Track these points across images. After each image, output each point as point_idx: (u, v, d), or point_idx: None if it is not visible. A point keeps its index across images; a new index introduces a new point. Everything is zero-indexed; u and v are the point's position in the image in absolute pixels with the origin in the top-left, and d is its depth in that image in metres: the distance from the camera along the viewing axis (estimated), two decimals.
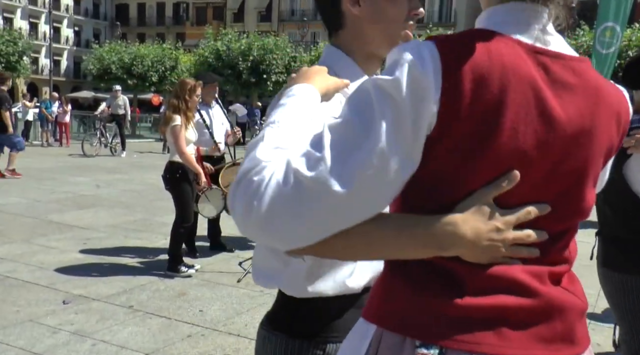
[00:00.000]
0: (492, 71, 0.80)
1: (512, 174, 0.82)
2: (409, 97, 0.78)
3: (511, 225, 0.85)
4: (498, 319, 0.84)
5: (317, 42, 42.16)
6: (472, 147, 0.81)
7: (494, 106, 0.80)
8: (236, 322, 3.73)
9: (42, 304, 3.95)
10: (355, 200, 0.79)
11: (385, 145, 0.78)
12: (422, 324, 0.84)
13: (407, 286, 0.87)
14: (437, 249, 0.84)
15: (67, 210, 7.36)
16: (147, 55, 26.60)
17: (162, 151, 17.46)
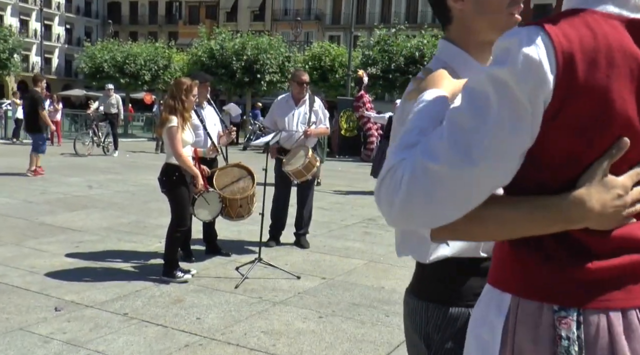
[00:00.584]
0: (599, 50, 0.88)
1: (622, 141, 0.91)
2: (524, 83, 0.86)
3: (629, 189, 0.93)
4: (625, 276, 0.93)
5: (311, 41, 42.06)
6: (586, 123, 0.89)
7: (604, 83, 0.88)
8: (235, 330, 3.61)
9: (33, 311, 3.81)
10: (476, 178, 0.89)
11: (502, 127, 0.87)
12: (558, 290, 0.94)
13: (538, 256, 0.96)
14: (568, 224, 0.93)
15: (58, 211, 7.20)
16: (139, 54, 26.40)
17: (155, 151, 17.30)
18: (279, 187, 5.90)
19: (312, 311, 4.01)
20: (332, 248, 5.96)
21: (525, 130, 0.88)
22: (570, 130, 0.90)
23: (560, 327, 0.93)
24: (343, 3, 46.63)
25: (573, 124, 0.89)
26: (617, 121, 0.90)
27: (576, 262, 0.94)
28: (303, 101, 5.87)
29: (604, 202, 0.91)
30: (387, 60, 22.68)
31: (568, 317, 0.93)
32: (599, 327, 0.92)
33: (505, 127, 0.87)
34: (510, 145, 0.88)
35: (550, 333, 0.93)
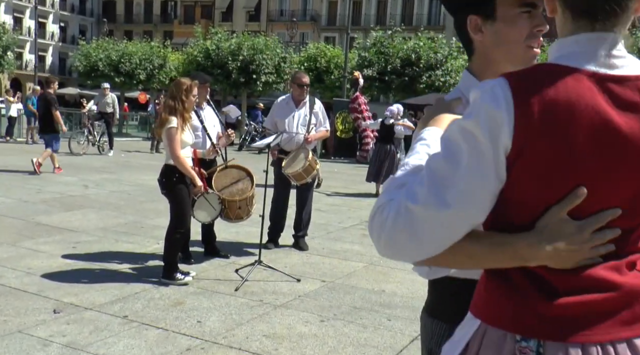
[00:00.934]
0: (558, 103, 0.94)
1: (579, 190, 0.96)
2: (487, 132, 0.96)
3: (588, 233, 0.98)
4: (587, 313, 0.98)
5: (306, 42, 42.06)
6: (543, 169, 0.96)
7: (562, 134, 0.94)
8: (237, 334, 3.58)
9: (31, 313, 3.77)
10: (450, 219, 0.98)
11: (472, 172, 0.97)
12: (522, 321, 1.01)
13: (506, 287, 1.04)
14: (523, 262, 1.01)
15: (54, 211, 7.14)
16: (135, 53, 26.30)
17: (150, 150, 17.22)
18: (278, 189, 5.87)
19: (313, 315, 3.99)
20: (331, 250, 5.93)
21: (491, 175, 0.97)
22: (530, 175, 0.97)
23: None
24: (338, 4, 46.66)
25: (532, 169, 0.96)
26: (576, 170, 0.95)
27: (539, 297, 1.00)
28: (303, 103, 5.85)
29: (556, 245, 0.98)
30: (383, 62, 22.71)
31: (528, 347, 1.00)
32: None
33: (475, 174, 0.97)
34: (479, 189, 0.97)
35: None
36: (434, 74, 22.31)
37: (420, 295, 4.55)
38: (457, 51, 23.48)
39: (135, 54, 26.27)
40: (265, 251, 5.50)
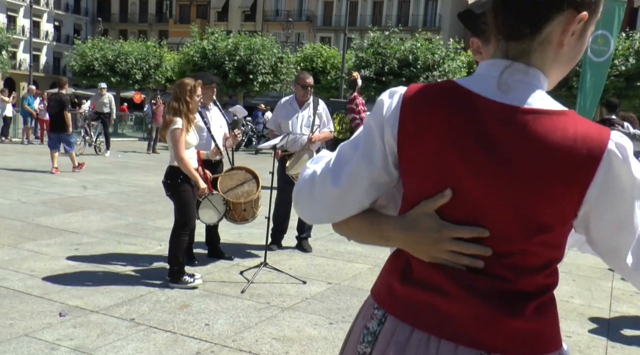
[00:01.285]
0: (432, 114, 1.06)
1: (445, 190, 1.06)
2: (378, 128, 1.11)
3: (445, 234, 1.07)
4: (422, 306, 1.09)
5: (302, 42, 42.03)
6: (415, 170, 1.10)
7: (430, 143, 1.06)
8: (245, 337, 3.55)
9: (37, 317, 3.72)
10: (342, 195, 1.13)
11: (362, 160, 1.12)
12: (381, 293, 1.18)
13: (389, 265, 1.20)
14: (385, 241, 1.16)
15: (54, 212, 7.08)
16: (131, 53, 26.18)
17: (147, 151, 17.15)
18: (282, 191, 5.83)
19: (321, 317, 3.96)
20: (334, 252, 5.91)
21: (377, 164, 1.11)
22: (407, 173, 1.11)
23: (369, 319, 1.17)
24: (334, 5, 46.66)
25: (408, 168, 1.11)
26: (445, 174, 1.06)
27: (398, 277, 1.14)
28: (307, 104, 5.82)
29: (411, 233, 1.10)
30: (380, 62, 22.70)
31: (376, 315, 1.16)
32: (388, 331, 1.13)
33: (364, 159, 1.11)
34: (365, 174, 1.12)
35: (365, 321, 1.18)
36: (432, 74, 22.33)
37: None
38: (454, 52, 23.53)
39: (131, 54, 26.15)
40: (269, 253, 5.46)
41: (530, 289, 1.07)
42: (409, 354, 1.09)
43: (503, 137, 1.02)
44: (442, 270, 1.09)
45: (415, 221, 1.10)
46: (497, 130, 1.03)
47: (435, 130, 1.06)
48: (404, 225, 1.11)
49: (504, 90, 1.05)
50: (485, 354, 1.06)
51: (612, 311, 4.54)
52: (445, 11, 42.96)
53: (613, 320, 4.33)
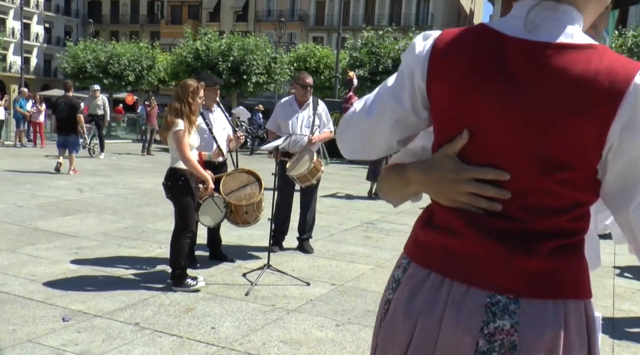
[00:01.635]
0: (459, 56, 1.08)
1: (462, 133, 1.07)
2: (408, 69, 1.14)
3: (464, 176, 1.07)
4: (437, 248, 1.13)
5: (294, 42, 41.98)
6: (440, 112, 1.12)
7: (457, 82, 1.07)
8: (252, 340, 3.52)
9: (40, 322, 3.68)
10: (372, 127, 1.20)
11: (391, 98, 1.16)
12: (408, 243, 1.23)
13: (420, 217, 1.24)
14: (407, 185, 1.20)
15: (52, 216, 7.02)
16: (123, 54, 26.04)
17: (142, 153, 17.05)
18: (282, 192, 5.80)
19: (327, 319, 3.94)
20: (336, 253, 5.89)
21: (405, 103, 1.14)
22: (434, 115, 1.13)
23: (397, 268, 1.22)
24: (326, 4, 46.67)
25: (436, 110, 1.12)
26: (466, 114, 1.06)
27: (420, 225, 1.19)
28: (307, 104, 5.79)
29: (430, 174, 1.12)
30: (374, 62, 22.69)
31: (402, 263, 1.20)
32: (411, 275, 1.15)
33: (392, 97, 1.16)
34: (391, 110, 1.16)
35: (394, 271, 1.23)
36: None
37: None
38: None
39: (123, 55, 26.00)
40: (271, 254, 5.44)
41: (549, 230, 1.04)
42: (421, 295, 1.11)
43: (524, 73, 1.02)
44: (459, 213, 1.10)
45: (435, 162, 1.11)
46: (519, 67, 1.02)
47: (461, 71, 1.06)
48: (425, 166, 1.14)
49: (531, 29, 1.04)
50: (496, 295, 1.04)
51: (616, 309, 4.54)
52: (437, 10, 43.05)
53: (617, 318, 4.33)
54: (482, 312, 1.04)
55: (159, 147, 19.40)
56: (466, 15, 49.17)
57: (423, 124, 1.17)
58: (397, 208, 6.42)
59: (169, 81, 29.01)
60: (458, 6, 46.43)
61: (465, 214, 1.08)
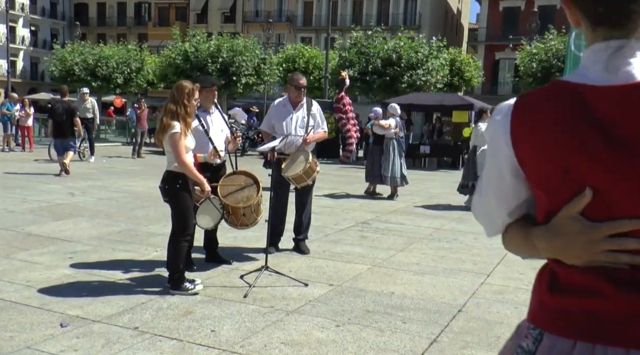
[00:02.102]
0: (542, 118, 1.06)
1: (586, 191, 1.02)
2: (491, 139, 1.17)
3: (598, 234, 1.01)
4: (577, 312, 1.05)
5: (283, 43, 41.91)
6: (537, 178, 1.10)
7: (545, 142, 1.04)
8: (253, 342, 3.51)
9: (37, 328, 3.64)
10: (484, 204, 1.24)
11: (488, 170, 1.21)
12: (533, 312, 1.15)
13: (534, 283, 1.19)
14: (537, 251, 1.14)
15: (44, 221, 6.95)
16: (111, 57, 25.86)
17: (132, 156, 16.96)
18: (278, 193, 5.78)
19: (327, 320, 3.93)
20: (332, 253, 5.89)
21: (502, 171, 1.15)
22: (531, 179, 1.12)
23: (523, 338, 1.15)
24: (314, 5, 46.65)
25: (532, 175, 1.11)
26: (571, 176, 1.03)
27: (547, 289, 1.12)
28: (301, 105, 5.78)
29: (558, 240, 1.07)
30: (364, 62, 22.72)
31: (532, 334, 1.13)
32: (547, 346, 1.08)
33: (489, 170, 1.20)
34: (494, 182, 1.18)
35: (518, 341, 1.16)
36: (415, 73, 22.39)
37: (430, 297, 4.53)
38: (437, 50, 23.64)
39: (112, 58, 25.82)
40: (268, 256, 5.42)
41: None
42: None
43: (617, 119, 0.99)
44: (595, 271, 1.04)
45: (559, 227, 1.06)
46: (610, 115, 0.99)
47: (554, 132, 1.03)
48: (548, 233, 1.09)
49: (612, 72, 1.02)
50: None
51: None
52: (425, 10, 43.18)
53: None
54: None
55: (149, 149, 19.30)
56: (453, 15, 49.39)
57: (522, 193, 1.16)
58: (391, 207, 6.46)
59: (158, 83, 28.87)
60: (445, 5, 46.61)
61: (605, 272, 1.03)
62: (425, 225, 7.61)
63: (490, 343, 3.63)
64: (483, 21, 42.19)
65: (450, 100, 18.79)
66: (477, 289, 4.79)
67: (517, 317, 4.13)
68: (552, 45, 20.90)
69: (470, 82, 31.18)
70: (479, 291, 4.74)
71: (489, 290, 4.78)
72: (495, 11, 40.81)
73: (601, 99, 1.01)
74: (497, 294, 4.67)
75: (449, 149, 18.75)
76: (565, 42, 18.56)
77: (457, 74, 29.25)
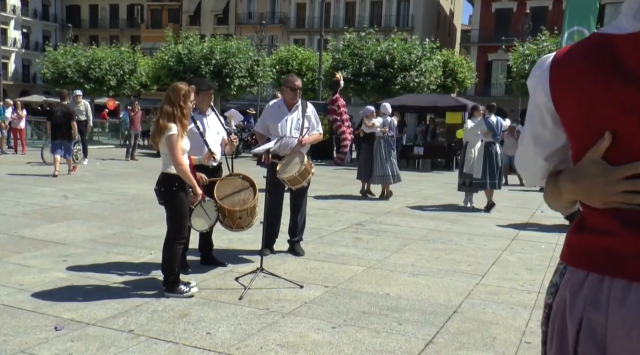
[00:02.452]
0: (577, 67, 1.16)
1: (605, 136, 1.12)
2: (531, 91, 1.29)
3: (614, 176, 1.10)
4: (595, 249, 1.18)
5: (276, 45, 41.89)
6: (572, 121, 1.20)
7: (575, 90, 1.16)
8: (250, 344, 3.50)
9: (31, 332, 3.61)
10: (523, 153, 1.37)
11: (528, 120, 1.33)
12: (563, 249, 1.30)
13: (574, 222, 1.29)
14: (560, 193, 1.26)
15: (37, 224, 6.91)
16: (104, 59, 25.75)
17: (126, 158, 16.89)
18: (272, 194, 5.77)
19: (323, 321, 3.93)
20: (327, 255, 5.88)
21: (540, 122, 1.27)
22: (569, 129, 1.22)
23: (554, 275, 1.29)
24: (307, 7, 46.70)
25: (566, 121, 1.22)
26: (603, 123, 1.12)
27: (576, 231, 1.25)
28: (296, 107, 5.78)
29: (580, 181, 1.17)
30: (357, 63, 22.73)
31: (559, 268, 1.28)
32: (566, 279, 1.23)
33: (529, 120, 1.31)
34: (530, 131, 1.30)
35: (552, 277, 1.31)
36: (409, 74, 22.43)
37: (425, 298, 4.54)
38: (430, 52, 23.69)
39: (104, 60, 25.71)
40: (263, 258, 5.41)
41: None
42: (583, 293, 1.17)
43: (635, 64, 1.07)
44: (613, 213, 1.14)
45: (582, 169, 1.17)
46: (637, 61, 1.08)
47: (583, 81, 1.14)
48: (573, 175, 1.20)
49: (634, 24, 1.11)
50: None
51: None
52: (418, 11, 43.32)
53: None
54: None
55: (143, 152, 19.24)
56: (446, 16, 49.56)
57: (559, 138, 1.26)
58: (385, 209, 6.46)
59: (151, 85, 28.77)
60: (438, 7, 46.78)
61: (620, 214, 1.12)
62: (420, 226, 7.63)
63: (485, 343, 3.64)
64: (475, 22, 42.37)
65: (444, 101, 18.84)
66: (472, 290, 4.80)
67: (512, 317, 4.15)
68: (544, 46, 21.00)
69: (464, 83, 31.29)
70: (474, 292, 4.75)
71: (484, 291, 4.80)
72: (487, 12, 40.99)
73: (629, 46, 1.09)
74: (492, 295, 4.68)
75: (443, 150, 18.78)
76: (557, 43, 18.66)
77: (450, 75, 29.35)
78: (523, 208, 9.96)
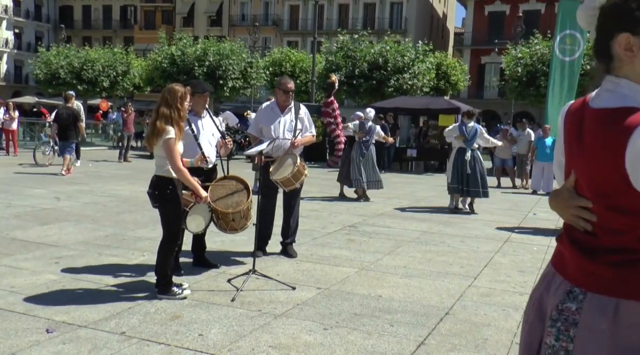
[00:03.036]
0: (565, 121, 1.64)
1: (573, 173, 1.57)
2: (557, 132, 1.74)
3: (572, 203, 1.53)
4: (558, 253, 1.67)
5: (269, 47, 41.90)
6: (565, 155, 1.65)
7: (565, 142, 1.63)
8: (242, 346, 3.51)
9: (22, 334, 3.60)
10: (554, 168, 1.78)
11: (556, 149, 1.75)
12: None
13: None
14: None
15: (29, 226, 6.88)
16: (97, 60, 25.66)
17: (118, 159, 16.84)
18: (265, 196, 5.78)
19: (315, 323, 3.94)
20: (320, 257, 5.90)
21: (560, 153, 1.68)
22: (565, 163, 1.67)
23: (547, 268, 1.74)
24: (300, 9, 46.75)
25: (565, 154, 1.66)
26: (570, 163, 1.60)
27: (559, 239, 1.67)
28: (289, 109, 5.79)
29: (555, 200, 1.62)
30: (350, 66, 22.77)
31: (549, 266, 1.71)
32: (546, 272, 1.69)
33: (556, 150, 1.73)
34: (556, 157, 1.73)
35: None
36: (402, 77, 22.49)
37: (417, 299, 4.56)
38: (423, 54, 23.77)
39: (97, 61, 25.62)
40: (255, 259, 5.41)
41: (614, 246, 1.45)
42: (544, 282, 1.65)
43: (585, 131, 1.50)
44: (568, 227, 1.59)
45: (559, 191, 1.61)
46: (584, 128, 1.51)
47: (566, 134, 1.61)
48: (554, 194, 1.63)
49: (596, 99, 1.53)
50: (574, 287, 1.52)
51: None
52: (411, 14, 43.46)
53: None
54: (561, 295, 1.53)
55: (135, 153, 19.19)
56: (439, 19, 49.73)
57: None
58: (378, 211, 6.50)
59: (144, 87, 28.71)
60: (431, 10, 46.94)
61: (571, 229, 1.57)
62: (412, 228, 7.66)
63: (477, 345, 3.66)
64: (469, 25, 42.56)
65: (437, 104, 18.90)
66: (464, 292, 4.83)
67: (504, 319, 4.17)
68: (537, 49, 21.10)
69: (457, 86, 31.39)
70: (466, 294, 4.78)
71: (476, 292, 4.82)
72: (480, 15, 41.18)
73: (586, 117, 1.53)
74: (484, 297, 4.71)
75: (436, 153, 18.83)
76: (550, 46, 18.74)
77: (443, 78, 29.44)
78: (515, 210, 10.01)
